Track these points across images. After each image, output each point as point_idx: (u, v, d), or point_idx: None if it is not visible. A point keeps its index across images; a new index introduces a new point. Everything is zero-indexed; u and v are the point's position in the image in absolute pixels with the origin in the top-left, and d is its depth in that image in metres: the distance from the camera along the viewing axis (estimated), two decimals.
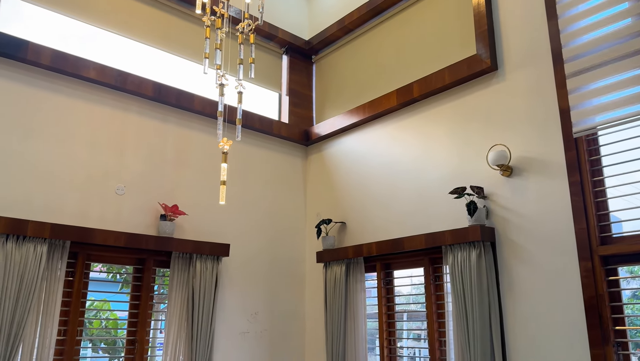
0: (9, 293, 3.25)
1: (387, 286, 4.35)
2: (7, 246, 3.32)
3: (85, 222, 3.83)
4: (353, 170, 4.87)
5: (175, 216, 4.21)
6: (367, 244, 4.33)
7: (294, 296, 5.03)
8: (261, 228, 4.93)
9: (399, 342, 4.24)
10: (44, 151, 3.74)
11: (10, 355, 3.19)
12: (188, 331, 4.07)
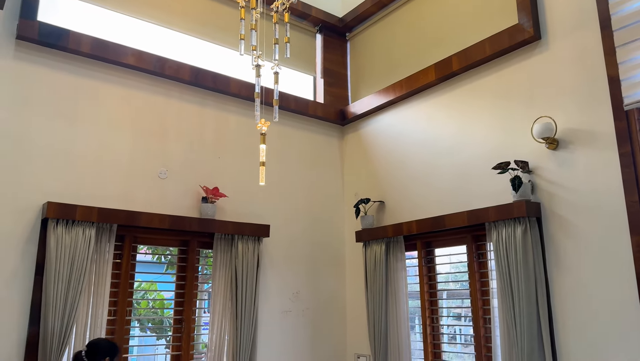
0: (61, 275, 3.38)
1: (429, 265, 4.31)
2: (58, 230, 3.44)
3: (131, 205, 3.93)
4: (391, 148, 4.81)
5: (216, 198, 4.27)
6: (407, 223, 4.29)
7: (334, 275, 5.05)
8: (300, 208, 4.95)
9: (441, 320, 4.21)
10: (89, 137, 3.84)
11: (65, 334, 3.33)
12: (232, 310, 4.15)
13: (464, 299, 4.06)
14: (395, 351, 4.25)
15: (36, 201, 3.53)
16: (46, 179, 3.60)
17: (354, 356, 4.82)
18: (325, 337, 4.83)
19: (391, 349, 4.29)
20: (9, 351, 3.27)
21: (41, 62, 3.73)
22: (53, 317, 3.31)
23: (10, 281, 3.35)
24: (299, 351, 4.62)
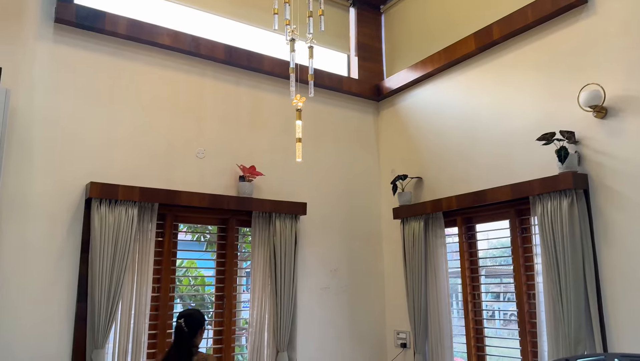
0: (106, 253, 3.47)
1: (469, 241, 4.23)
2: (101, 209, 3.52)
3: (171, 185, 3.98)
4: (428, 123, 4.71)
5: (253, 177, 4.28)
6: (446, 198, 4.21)
7: (371, 252, 5.02)
8: (336, 186, 4.92)
9: (483, 296, 4.14)
10: (128, 118, 3.90)
11: (111, 311, 3.43)
12: (272, 287, 4.19)
13: (506, 275, 3.97)
14: (436, 328, 4.21)
15: (80, 182, 3.62)
16: (88, 160, 3.68)
17: (393, 333, 4.81)
18: (364, 313, 4.83)
19: (431, 326, 4.26)
20: (60, 325, 3.40)
21: (79, 44, 3.79)
22: (100, 293, 3.41)
23: (57, 259, 3.46)
24: (339, 327, 4.64)
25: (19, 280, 3.30)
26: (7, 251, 3.29)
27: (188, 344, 2.74)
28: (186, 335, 2.74)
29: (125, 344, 3.51)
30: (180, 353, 2.69)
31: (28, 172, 3.45)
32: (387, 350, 4.86)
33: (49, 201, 3.49)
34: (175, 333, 2.75)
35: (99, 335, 3.37)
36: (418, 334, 4.31)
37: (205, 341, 4.08)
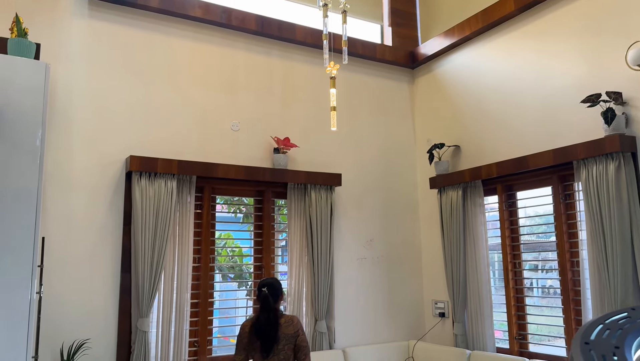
0: (148, 225, 3.56)
1: (510, 209, 4.13)
2: (142, 182, 3.59)
3: (207, 158, 4.02)
4: (466, 89, 4.58)
5: (288, 149, 4.28)
6: (485, 166, 4.11)
7: (408, 222, 4.98)
8: (371, 156, 4.87)
9: (525, 265, 4.06)
10: (163, 92, 3.93)
11: (154, 281, 3.53)
12: (309, 257, 4.22)
13: (548, 243, 3.87)
14: (476, 298, 4.17)
15: (120, 155, 3.69)
16: (127, 133, 3.75)
17: (431, 303, 4.80)
18: (402, 284, 4.83)
19: (470, 295, 4.22)
20: (105, 296, 3.52)
21: (113, 19, 3.82)
22: (143, 264, 3.50)
23: (101, 232, 3.56)
24: (376, 297, 4.66)
25: (64, 253, 3.42)
26: (52, 224, 3.41)
27: (273, 309, 2.94)
28: (271, 301, 2.93)
29: (168, 313, 3.62)
30: (269, 317, 2.89)
31: (69, 147, 3.54)
32: (425, 319, 4.86)
33: (91, 175, 3.58)
34: (261, 300, 2.92)
35: (143, 304, 3.47)
36: (457, 304, 4.28)
37: (245, 310, 4.17)
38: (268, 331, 2.87)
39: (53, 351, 3.28)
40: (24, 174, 2.46)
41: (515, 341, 3.93)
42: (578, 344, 0.53)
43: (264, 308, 2.92)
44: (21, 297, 2.39)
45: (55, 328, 3.31)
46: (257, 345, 2.88)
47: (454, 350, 4.10)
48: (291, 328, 2.95)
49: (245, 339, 2.90)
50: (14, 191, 2.42)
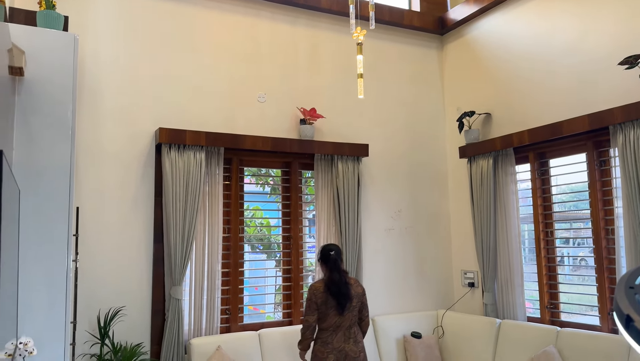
0: (178, 196, 3.61)
1: (542, 177, 4.04)
2: (171, 154, 3.64)
3: (234, 129, 4.04)
4: (497, 54, 4.44)
5: (314, 120, 4.26)
6: (517, 133, 4.01)
7: (436, 192, 4.93)
8: (398, 125, 4.81)
9: (557, 234, 3.98)
10: (190, 64, 3.94)
11: (186, 251, 3.60)
12: (337, 228, 4.23)
13: (582, 213, 3.77)
14: (506, 267, 4.13)
15: (149, 128, 3.74)
16: (156, 106, 3.78)
17: (460, 273, 4.77)
18: (430, 254, 4.81)
19: (501, 265, 4.17)
20: (139, 265, 3.61)
21: None
22: (174, 235, 3.57)
23: (133, 203, 3.64)
24: (404, 268, 4.66)
25: (99, 224, 3.51)
26: (86, 197, 3.49)
27: (341, 269, 3.18)
28: (339, 262, 3.18)
29: (200, 282, 3.70)
30: (340, 275, 3.13)
31: (100, 120, 3.60)
32: (454, 289, 4.84)
33: (122, 147, 3.64)
34: (332, 262, 3.14)
35: (175, 273, 3.55)
36: (486, 273, 4.24)
37: (274, 279, 4.23)
38: (344, 290, 3.08)
39: (90, 318, 3.40)
40: (56, 146, 2.51)
41: (546, 311, 3.88)
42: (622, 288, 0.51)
43: (335, 270, 3.13)
44: (58, 265, 2.47)
45: (92, 295, 3.43)
46: (332, 304, 3.07)
47: (484, 319, 4.08)
48: (360, 288, 3.21)
49: (320, 299, 3.06)
50: (47, 163, 2.48)
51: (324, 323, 3.09)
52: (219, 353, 3.40)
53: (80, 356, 3.32)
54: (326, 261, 3.17)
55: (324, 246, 3.26)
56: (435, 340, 4.28)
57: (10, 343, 1.98)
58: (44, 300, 2.43)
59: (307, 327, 3.06)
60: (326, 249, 3.22)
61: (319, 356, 3.04)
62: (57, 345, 2.44)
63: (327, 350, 3.02)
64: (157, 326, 3.59)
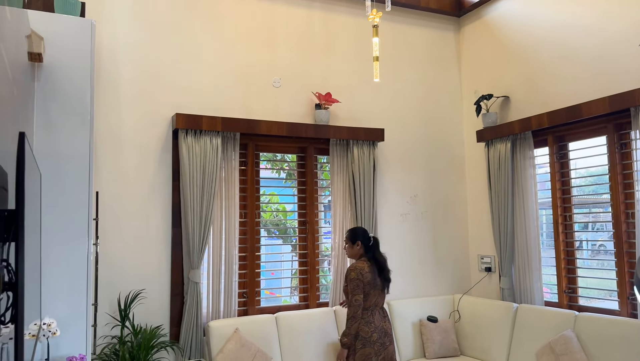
0: (195, 181, 3.64)
1: (561, 160, 3.98)
2: (188, 140, 3.66)
3: (250, 115, 4.05)
4: (515, 36, 4.36)
5: (329, 104, 4.24)
6: (536, 116, 3.95)
7: (453, 177, 4.90)
8: (414, 110, 4.77)
9: (576, 218, 3.93)
10: (206, 49, 3.94)
11: (203, 235, 3.64)
12: (352, 213, 4.24)
13: (601, 198, 3.72)
14: (524, 252, 4.10)
15: (166, 113, 3.76)
16: (172, 92, 3.80)
17: (477, 257, 4.75)
18: (446, 239, 4.79)
19: (518, 250, 4.14)
20: (158, 248, 3.66)
21: None
22: (192, 219, 3.61)
23: (151, 188, 3.68)
24: (420, 252, 4.65)
25: (118, 210, 3.57)
26: (105, 182, 3.54)
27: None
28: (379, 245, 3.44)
29: (218, 266, 3.74)
30: (382, 255, 3.38)
31: (117, 105, 3.63)
32: (470, 273, 4.83)
33: (139, 133, 3.68)
34: (374, 245, 3.37)
35: (194, 256, 3.60)
36: (504, 258, 4.22)
37: (291, 263, 4.26)
38: (387, 269, 3.32)
39: (111, 300, 3.47)
40: (76, 132, 2.55)
41: (564, 295, 3.85)
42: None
43: (378, 251, 3.37)
44: (79, 248, 2.52)
45: (112, 279, 3.49)
46: (375, 283, 3.26)
47: (501, 303, 4.07)
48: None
49: (367, 278, 3.21)
50: (67, 149, 2.52)
51: (366, 303, 3.23)
52: (237, 335, 3.45)
53: (101, 337, 3.40)
54: (368, 242, 3.37)
55: (360, 228, 3.45)
56: (451, 324, 4.29)
57: (34, 324, 2.04)
58: (65, 283, 2.48)
59: (359, 306, 3.17)
60: (364, 232, 3.41)
61: (363, 335, 3.15)
62: (79, 327, 2.51)
63: (370, 329, 3.16)
64: (176, 309, 3.65)
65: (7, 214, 1.17)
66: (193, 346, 3.55)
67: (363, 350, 3.14)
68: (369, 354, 3.14)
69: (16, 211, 1.09)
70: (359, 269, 3.22)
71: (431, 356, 4.10)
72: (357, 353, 3.15)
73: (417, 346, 4.19)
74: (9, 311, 1.23)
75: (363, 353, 3.14)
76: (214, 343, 3.45)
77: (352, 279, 3.19)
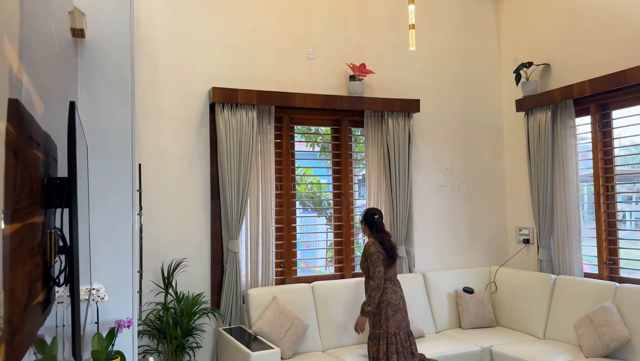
0: (232, 153, 3.71)
1: (604, 129, 3.85)
2: (224, 113, 3.72)
3: (284, 87, 4.07)
4: (557, 1, 4.19)
5: (364, 75, 4.21)
6: (578, 84, 3.82)
7: (491, 148, 4.81)
8: (451, 79, 4.68)
9: (618, 188, 3.82)
10: (240, 23, 3.96)
11: (241, 207, 3.72)
12: (387, 185, 4.24)
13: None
14: (563, 223, 4.02)
15: (203, 87, 3.83)
16: (209, 66, 3.85)
17: (515, 229, 4.69)
18: (483, 211, 4.74)
19: (558, 221, 4.07)
20: (199, 220, 3.78)
21: None
22: (230, 191, 3.70)
23: (191, 161, 3.77)
24: (456, 224, 4.62)
25: (160, 181, 3.68)
26: (146, 156, 3.65)
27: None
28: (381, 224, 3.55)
29: (255, 236, 3.83)
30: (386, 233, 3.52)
31: (155, 80, 3.71)
32: (508, 246, 4.78)
33: (177, 107, 3.76)
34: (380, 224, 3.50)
35: (232, 227, 3.70)
36: (542, 229, 4.16)
37: (326, 235, 4.31)
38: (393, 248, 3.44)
39: (154, 268, 3.62)
40: (118, 107, 2.63)
41: (604, 267, 3.78)
42: None
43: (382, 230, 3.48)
44: (124, 219, 2.63)
45: (155, 248, 3.63)
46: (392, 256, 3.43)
47: (539, 274, 4.03)
48: None
49: (383, 255, 3.37)
50: (110, 124, 2.61)
51: (388, 274, 3.42)
52: (275, 302, 3.55)
53: (146, 303, 3.56)
54: (373, 222, 3.50)
55: (369, 209, 3.57)
56: (487, 295, 4.28)
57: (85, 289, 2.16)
58: (111, 252, 2.60)
59: (381, 277, 3.33)
60: (371, 213, 3.53)
61: (392, 302, 3.34)
62: (125, 292, 2.63)
63: (397, 297, 3.36)
64: (217, 278, 3.77)
65: (60, 182, 1.23)
66: (233, 313, 3.67)
67: (395, 316, 3.31)
68: (400, 320, 3.32)
69: (69, 177, 1.16)
70: (377, 245, 3.41)
71: (467, 327, 4.12)
72: (389, 320, 3.29)
73: (452, 317, 4.21)
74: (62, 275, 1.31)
75: (395, 319, 3.31)
76: (253, 310, 3.57)
77: (371, 253, 3.36)
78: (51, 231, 1.16)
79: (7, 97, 0.67)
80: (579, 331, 3.46)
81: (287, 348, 3.44)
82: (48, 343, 1.27)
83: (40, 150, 1.00)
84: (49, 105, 1.21)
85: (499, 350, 3.61)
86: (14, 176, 0.69)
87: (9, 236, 0.68)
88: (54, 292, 1.30)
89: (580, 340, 3.42)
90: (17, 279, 0.73)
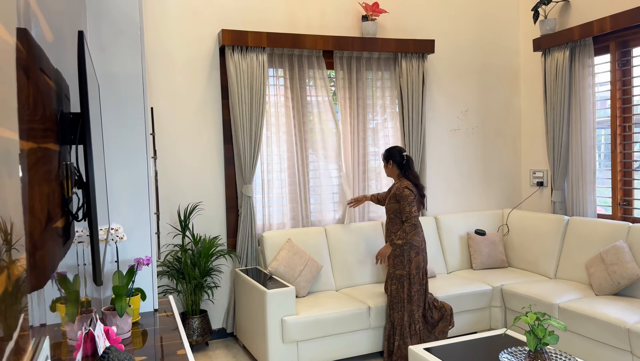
0: (243, 98, 3.70)
1: (624, 68, 3.74)
2: (235, 57, 3.68)
3: (295, 29, 3.99)
4: None
5: (377, 15, 4.10)
6: (598, 20, 3.69)
7: (506, 90, 4.72)
8: (467, 19, 4.54)
9: (634, 128, 3.75)
10: None
11: (254, 151, 3.74)
12: (400, 128, 4.21)
13: None
14: (578, 163, 3.99)
15: (212, 30, 3.77)
16: (218, 6, 3.78)
17: (529, 172, 4.67)
18: (497, 154, 4.71)
19: (572, 162, 4.04)
20: (212, 165, 3.82)
21: None
22: (242, 135, 3.71)
23: (202, 105, 3.77)
24: (470, 168, 4.61)
25: (172, 126, 3.70)
26: (160, 100, 3.66)
27: None
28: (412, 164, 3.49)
29: (269, 180, 3.87)
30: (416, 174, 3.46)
31: (166, 24, 3.66)
32: (521, 188, 4.77)
33: (188, 51, 3.72)
34: (406, 163, 3.41)
35: (245, 172, 3.74)
36: (557, 171, 4.13)
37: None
38: (422, 187, 3.45)
39: (171, 212, 3.70)
40: (128, 51, 2.61)
41: (618, 208, 3.77)
42: None
43: (412, 171, 3.41)
44: (139, 160, 2.67)
45: (171, 191, 3.70)
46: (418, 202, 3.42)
47: (551, 216, 4.03)
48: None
49: (414, 196, 3.36)
50: (121, 68, 2.60)
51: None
52: (289, 244, 3.63)
53: (164, 245, 3.67)
54: (402, 161, 3.40)
55: (396, 147, 3.45)
56: (499, 237, 4.32)
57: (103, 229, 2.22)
58: (128, 194, 2.66)
59: (416, 217, 3.34)
60: (398, 151, 3.41)
61: (416, 245, 3.36)
62: (143, 233, 2.70)
63: (420, 238, 3.39)
64: (232, 221, 3.85)
65: (73, 117, 1.25)
66: (249, 254, 3.77)
67: (417, 258, 3.35)
68: (420, 261, 3.36)
69: (82, 111, 1.17)
70: (411, 186, 3.36)
71: (478, 268, 4.18)
72: (412, 261, 3.33)
73: (464, 258, 4.27)
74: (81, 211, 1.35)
75: (417, 260, 3.35)
76: (268, 251, 3.66)
77: (406, 195, 3.33)
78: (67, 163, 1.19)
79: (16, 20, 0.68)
80: (590, 270, 3.50)
81: (301, 286, 3.54)
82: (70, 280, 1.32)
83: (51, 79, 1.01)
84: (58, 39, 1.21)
85: (510, 289, 3.68)
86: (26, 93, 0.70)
87: (26, 152, 0.70)
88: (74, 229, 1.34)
89: (591, 279, 3.46)
90: (35, 196, 0.76)
